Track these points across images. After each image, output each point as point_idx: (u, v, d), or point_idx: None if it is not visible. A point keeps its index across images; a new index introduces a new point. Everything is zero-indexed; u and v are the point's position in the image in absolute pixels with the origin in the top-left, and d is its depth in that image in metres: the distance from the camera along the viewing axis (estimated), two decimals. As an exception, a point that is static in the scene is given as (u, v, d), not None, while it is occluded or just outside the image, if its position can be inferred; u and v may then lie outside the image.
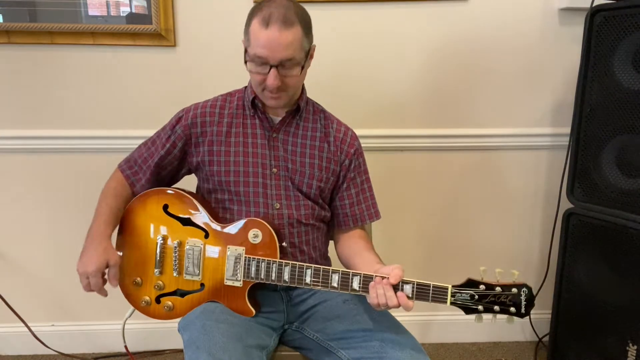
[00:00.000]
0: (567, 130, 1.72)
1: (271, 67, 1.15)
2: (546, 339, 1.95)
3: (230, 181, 1.27)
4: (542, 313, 2.07)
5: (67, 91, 1.85)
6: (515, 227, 2.07)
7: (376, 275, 1.09)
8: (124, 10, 1.77)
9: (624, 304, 1.57)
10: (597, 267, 1.65)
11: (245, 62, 1.20)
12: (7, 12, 1.75)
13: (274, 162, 1.28)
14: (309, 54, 1.22)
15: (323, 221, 1.36)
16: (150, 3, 1.76)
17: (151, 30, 1.78)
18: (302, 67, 1.20)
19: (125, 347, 1.51)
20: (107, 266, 1.20)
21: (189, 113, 1.30)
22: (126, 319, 1.41)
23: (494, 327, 2.14)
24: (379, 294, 1.07)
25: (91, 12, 1.76)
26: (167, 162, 1.32)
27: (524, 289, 1.06)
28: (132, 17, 1.77)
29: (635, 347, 1.55)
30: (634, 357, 1.55)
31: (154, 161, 1.31)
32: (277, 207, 1.27)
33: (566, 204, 1.73)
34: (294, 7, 1.15)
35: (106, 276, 1.21)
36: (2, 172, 1.90)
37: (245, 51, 1.19)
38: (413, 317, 2.10)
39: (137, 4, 1.77)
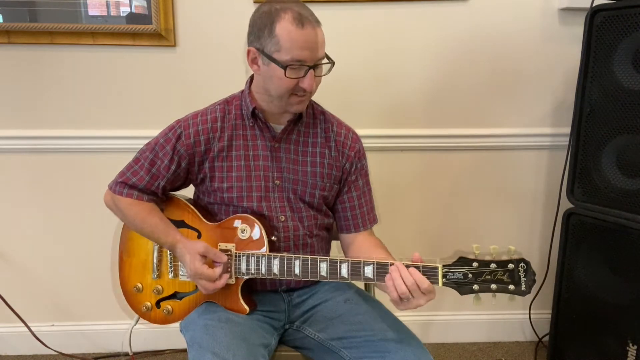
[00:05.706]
0: (567, 130, 1.72)
1: (309, 68, 1.11)
2: (546, 339, 1.95)
3: (234, 197, 1.24)
4: (542, 313, 2.08)
5: (67, 91, 1.85)
6: (515, 227, 2.07)
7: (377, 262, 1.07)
8: (124, 10, 1.77)
9: (624, 304, 1.57)
10: (597, 267, 1.65)
11: (256, 66, 1.16)
12: (7, 12, 1.75)
13: (276, 173, 1.26)
14: None
15: (327, 228, 1.36)
16: (150, 3, 1.76)
17: (151, 30, 1.78)
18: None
19: (132, 356, 1.51)
20: (204, 255, 1.15)
21: (188, 130, 1.23)
22: (132, 327, 1.42)
23: (494, 327, 2.14)
24: (396, 283, 1.01)
25: (91, 12, 1.76)
26: (170, 182, 1.27)
27: (522, 264, 0.98)
28: (132, 17, 1.77)
29: (635, 347, 1.55)
30: (634, 357, 1.55)
31: (159, 185, 1.25)
32: (282, 220, 1.26)
33: (566, 204, 1.73)
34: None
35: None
36: (2, 172, 1.90)
37: (270, 57, 1.11)
38: (413, 317, 2.10)
39: (137, 4, 1.77)
